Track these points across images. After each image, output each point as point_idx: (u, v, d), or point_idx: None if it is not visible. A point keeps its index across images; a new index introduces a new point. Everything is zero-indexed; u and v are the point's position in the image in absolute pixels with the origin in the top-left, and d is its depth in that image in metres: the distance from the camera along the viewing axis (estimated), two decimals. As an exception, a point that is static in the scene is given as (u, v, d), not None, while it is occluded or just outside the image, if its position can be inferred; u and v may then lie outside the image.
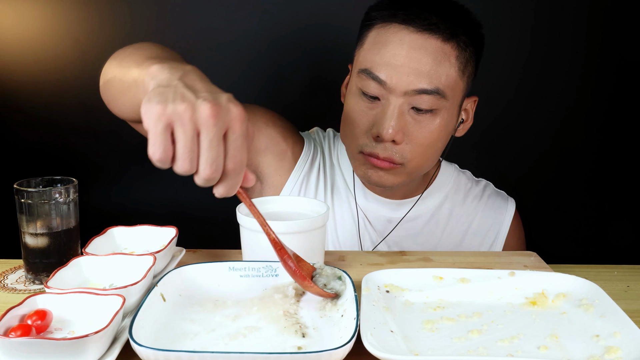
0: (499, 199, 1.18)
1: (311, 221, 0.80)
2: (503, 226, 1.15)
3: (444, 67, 0.95)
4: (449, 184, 1.16)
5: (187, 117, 0.59)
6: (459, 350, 0.65)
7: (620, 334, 0.65)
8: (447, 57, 0.95)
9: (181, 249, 0.87)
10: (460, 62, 0.97)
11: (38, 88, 1.45)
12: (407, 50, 0.95)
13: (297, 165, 1.11)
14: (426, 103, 0.95)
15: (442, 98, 0.96)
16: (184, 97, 0.60)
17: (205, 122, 0.59)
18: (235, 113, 0.60)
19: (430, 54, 0.94)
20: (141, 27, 1.44)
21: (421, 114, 0.96)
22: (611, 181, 1.58)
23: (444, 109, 0.97)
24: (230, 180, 0.62)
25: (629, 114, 1.54)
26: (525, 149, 1.55)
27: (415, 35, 0.95)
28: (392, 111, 0.95)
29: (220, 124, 0.59)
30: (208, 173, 0.60)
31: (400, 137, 0.96)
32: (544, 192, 1.58)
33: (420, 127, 0.97)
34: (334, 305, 0.71)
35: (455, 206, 1.15)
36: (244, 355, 0.57)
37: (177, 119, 0.59)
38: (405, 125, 0.96)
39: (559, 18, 1.47)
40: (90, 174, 1.50)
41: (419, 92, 0.95)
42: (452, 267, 0.80)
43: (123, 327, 0.65)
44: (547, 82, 1.51)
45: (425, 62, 0.94)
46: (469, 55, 0.98)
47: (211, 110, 0.59)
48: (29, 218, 0.80)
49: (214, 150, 0.59)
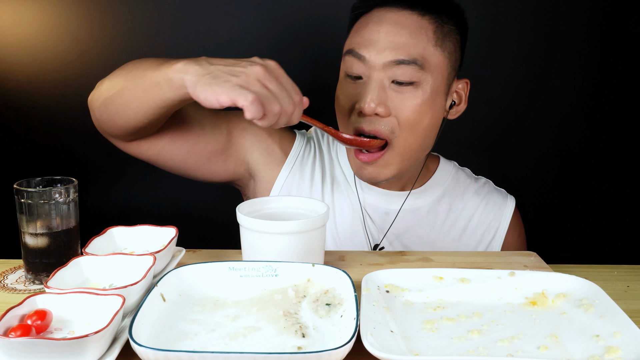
0: (498, 195, 1.18)
1: (311, 221, 0.80)
2: (503, 222, 1.16)
3: (420, 40, 0.98)
4: (447, 179, 1.17)
5: (252, 80, 0.79)
6: (459, 350, 0.65)
7: (620, 334, 0.65)
8: (424, 31, 0.99)
9: (181, 249, 0.86)
10: (438, 37, 1.00)
11: (38, 88, 1.45)
12: (385, 27, 0.99)
13: (288, 160, 1.13)
14: (406, 75, 0.98)
15: (421, 69, 0.98)
16: (232, 70, 0.80)
17: (262, 77, 0.80)
18: (273, 65, 0.82)
19: (406, 27, 0.98)
20: (141, 27, 1.44)
21: (403, 86, 0.99)
22: (611, 181, 1.58)
23: (425, 83, 0.99)
24: (298, 110, 0.83)
25: (629, 114, 1.54)
26: (525, 149, 1.55)
27: (392, 12, 1.00)
28: (373, 85, 0.99)
29: (272, 74, 0.81)
30: (291, 107, 0.82)
31: (383, 110, 0.98)
32: (544, 192, 1.58)
33: (402, 99, 0.99)
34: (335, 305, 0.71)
35: (454, 200, 1.15)
36: (244, 355, 0.57)
37: (248, 85, 0.79)
38: (387, 98, 0.99)
39: (559, 18, 1.47)
40: (90, 174, 1.50)
41: (397, 63, 0.97)
42: (452, 267, 0.80)
43: (123, 327, 0.65)
44: (547, 82, 1.51)
45: (402, 34, 0.98)
46: (447, 30, 1.01)
47: (261, 69, 0.80)
48: (29, 218, 0.80)
49: (283, 92, 0.81)
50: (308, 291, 0.73)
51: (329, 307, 0.70)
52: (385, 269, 0.78)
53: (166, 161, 1.06)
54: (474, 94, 1.09)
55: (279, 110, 0.80)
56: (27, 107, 1.46)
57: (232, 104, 0.78)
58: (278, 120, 0.82)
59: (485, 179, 1.21)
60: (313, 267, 0.75)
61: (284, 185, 1.12)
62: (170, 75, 0.83)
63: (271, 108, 0.79)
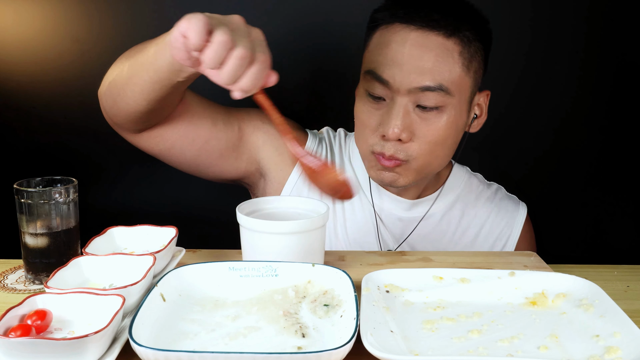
0: (510, 202, 1.17)
1: (311, 221, 0.80)
2: (514, 230, 1.15)
3: (447, 64, 0.95)
4: (460, 185, 1.16)
5: (220, 18, 0.69)
6: (459, 350, 0.65)
7: (620, 334, 0.65)
8: (450, 53, 0.95)
9: (181, 249, 0.87)
10: (465, 58, 0.96)
11: (38, 88, 1.45)
12: (409, 49, 0.95)
13: None
14: (431, 100, 0.95)
15: (447, 94, 0.95)
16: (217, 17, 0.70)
17: (236, 22, 0.70)
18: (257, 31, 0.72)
19: (431, 51, 0.94)
20: (141, 27, 1.44)
21: (427, 111, 0.96)
22: (611, 181, 1.58)
23: (450, 106, 0.97)
24: (256, 69, 0.69)
25: (630, 114, 1.53)
26: (525, 150, 1.55)
27: (417, 32, 0.95)
28: (397, 111, 0.96)
29: (247, 27, 0.71)
30: (243, 51, 0.67)
31: (406, 136, 0.96)
32: (544, 192, 1.58)
33: (427, 125, 0.97)
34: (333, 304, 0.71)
35: (467, 207, 1.15)
36: (244, 355, 0.57)
37: (215, 21, 0.68)
38: (411, 123, 0.96)
39: (559, 18, 1.47)
40: (90, 174, 1.50)
41: (422, 90, 0.94)
42: (452, 267, 0.80)
43: (123, 327, 0.65)
44: (547, 83, 1.51)
45: (427, 59, 0.94)
46: (474, 50, 0.98)
47: (241, 18, 0.71)
48: (29, 218, 0.80)
49: (243, 36, 0.69)
50: (308, 291, 0.73)
51: (327, 307, 0.70)
52: (385, 269, 0.78)
53: (177, 157, 1.05)
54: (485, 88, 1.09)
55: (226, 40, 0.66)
56: (27, 107, 1.46)
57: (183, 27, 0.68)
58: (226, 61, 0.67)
59: (497, 185, 1.20)
60: (313, 267, 0.75)
61: (295, 187, 1.11)
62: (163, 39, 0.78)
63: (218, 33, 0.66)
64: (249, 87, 0.69)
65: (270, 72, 0.71)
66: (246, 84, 0.69)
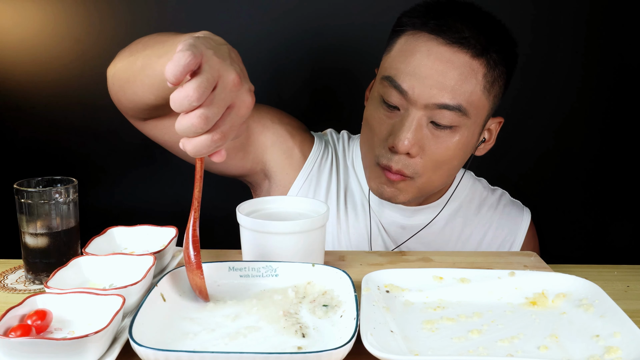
0: (514, 208, 1.16)
1: (311, 221, 0.80)
2: (518, 236, 1.14)
3: (469, 84, 0.92)
4: (464, 192, 1.14)
5: (216, 66, 0.60)
6: (459, 350, 0.65)
7: (620, 334, 0.65)
8: (474, 74, 0.92)
9: (181, 249, 0.86)
10: (487, 81, 0.94)
11: (38, 88, 1.45)
12: (433, 62, 0.92)
13: (306, 164, 1.10)
14: (446, 119, 0.93)
15: (463, 115, 0.93)
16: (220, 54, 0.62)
17: (226, 81, 0.61)
18: (248, 101, 0.63)
19: (456, 69, 0.91)
20: (141, 27, 1.44)
21: (440, 129, 0.94)
22: (611, 181, 1.58)
23: (464, 127, 0.94)
24: (209, 139, 0.61)
25: (629, 115, 1.54)
26: (525, 150, 1.55)
27: (444, 47, 0.92)
28: (410, 123, 0.93)
29: (234, 94, 0.61)
30: (199, 123, 0.59)
31: (415, 151, 0.94)
32: (544, 192, 1.58)
33: (437, 143, 0.94)
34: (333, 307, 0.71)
35: (470, 214, 1.13)
36: (244, 355, 0.57)
37: (207, 61, 0.60)
38: (422, 138, 0.94)
39: (559, 19, 1.47)
40: (90, 174, 1.50)
41: (440, 107, 0.92)
42: (452, 267, 0.80)
43: (123, 327, 0.65)
44: (547, 83, 1.51)
45: (451, 77, 0.91)
46: (497, 74, 0.95)
47: (236, 80, 0.61)
48: (29, 218, 0.80)
49: (219, 104, 0.60)
50: (308, 291, 0.73)
51: (327, 307, 0.70)
52: (385, 269, 0.78)
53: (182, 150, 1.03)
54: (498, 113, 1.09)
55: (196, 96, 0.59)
56: (27, 107, 1.46)
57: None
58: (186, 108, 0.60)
59: (501, 190, 1.19)
60: (313, 267, 0.75)
61: (300, 191, 1.10)
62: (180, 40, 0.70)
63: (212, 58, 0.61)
64: (190, 151, 0.63)
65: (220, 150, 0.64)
66: (188, 148, 0.63)
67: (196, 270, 0.69)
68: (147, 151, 1.47)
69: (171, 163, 1.48)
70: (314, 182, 1.10)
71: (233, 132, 0.63)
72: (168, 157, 1.40)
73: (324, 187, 1.10)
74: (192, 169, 1.22)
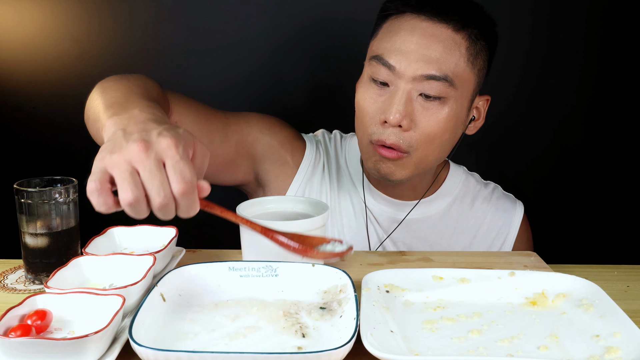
0: (507, 201, 1.17)
1: (311, 221, 0.80)
2: (512, 229, 1.15)
3: (453, 56, 0.96)
4: (457, 186, 1.16)
5: (121, 160, 0.61)
6: (459, 350, 0.65)
7: (620, 334, 0.65)
8: (457, 47, 0.96)
9: (181, 249, 0.87)
10: (470, 54, 0.97)
11: (38, 88, 1.45)
12: (418, 37, 0.96)
13: (300, 170, 1.11)
14: (434, 89, 0.95)
15: (450, 86, 0.96)
16: (116, 145, 0.62)
17: (136, 159, 0.61)
18: (164, 143, 0.62)
19: (440, 42, 0.95)
20: (141, 28, 1.44)
21: (430, 100, 0.96)
22: (611, 181, 1.58)
23: (452, 99, 0.97)
24: (185, 202, 0.62)
25: (629, 114, 1.54)
26: (525, 149, 1.56)
27: (427, 22, 0.96)
28: (400, 96, 0.96)
29: (152, 155, 0.61)
30: (159, 200, 0.61)
31: (407, 123, 0.96)
32: (544, 192, 1.58)
33: (428, 114, 0.97)
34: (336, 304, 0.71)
35: (463, 208, 1.15)
36: (244, 355, 0.57)
37: (112, 166, 0.61)
38: (413, 111, 0.96)
39: (559, 18, 1.47)
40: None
41: (427, 78, 0.95)
42: (452, 267, 0.80)
43: (123, 327, 0.65)
44: (547, 82, 1.51)
45: (435, 49, 0.95)
46: (479, 48, 0.99)
47: (139, 147, 0.61)
48: (29, 218, 0.80)
49: (155, 179, 0.60)
50: (308, 292, 0.73)
51: (325, 308, 0.70)
52: (385, 269, 0.78)
53: None
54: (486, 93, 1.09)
55: (133, 200, 0.61)
56: (27, 107, 1.46)
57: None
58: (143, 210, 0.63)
59: (494, 184, 1.20)
60: (313, 267, 0.75)
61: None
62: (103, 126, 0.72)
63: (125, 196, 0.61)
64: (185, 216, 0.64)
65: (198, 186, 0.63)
66: (184, 216, 0.64)
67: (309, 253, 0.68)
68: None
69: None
70: (308, 186, 1.11)
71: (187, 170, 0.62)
72: (168, 157, 1.39)
73: (316, 187, 1.12)
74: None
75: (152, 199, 0.61)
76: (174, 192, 0.61)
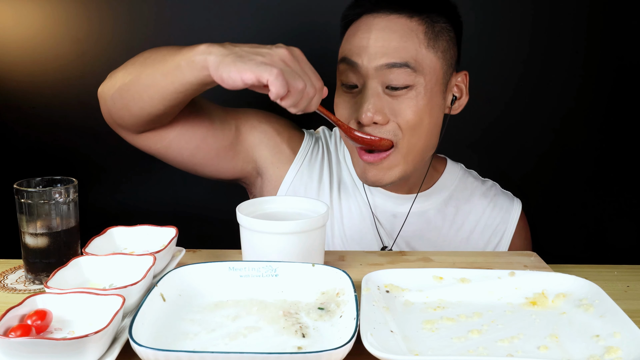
0: (505, 198, 1.18)
1: (311, 221, 0.80)
2: (509, 225, 1.16)
3: (411, 42, 0.97)
4: (455, 181, 1.16)
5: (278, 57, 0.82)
6: (459, 350, 0.65)
7: (620, 334, 0.65)
8: (414, 33, 0.98)
9: (181, 249, 0.87)
10: (430, 38, 0.99)
11: (38, 88, 1.45)
12: (375, 33, 0.98)
13: (296, 159, 1.13)
14: (399, 79, 0.97)
15: (414, 72, 0.97)
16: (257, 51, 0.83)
17: (288, 58, 0.83)
18: (295, 49, 0.85)
19: (395, 32, 0.98)
20: (141, 27, 1.44)
21: (397, 91, 0.98)
22: (612, 181, 1.58)
23: (419, 86, 0.98)
24: (319, 96, 0.85)
25: (630, 114, 1.54)
26: (525, 149, 1.55)
27: (381, 17, 0.99)
28: (368, 94, 0.98)
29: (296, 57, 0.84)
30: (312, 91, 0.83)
31: (381, 118, 0.97)
32: (544, 192, 1.58)
33: (399, 104, 0.98)
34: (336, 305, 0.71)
35: (461, 203, 1.15)
36: (244, 355, 0.57)
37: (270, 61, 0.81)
38: (383, 106, 0.98)
39: (559, 18, 1.47)
40: (90, 174, 1.50)
41: (389, 67, 0.97)
42: (452, 267, 0.80)
43: (123, 327, 0.65)
44: (547, 82, 1.51)
45: (392, 39, 0.97)
46: (438, 30, 1.00)
47: (287, 51, 0.83)
48: (29, 218, 0.80)
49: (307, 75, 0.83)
50: (308, 292, 0.73)
51: (326, 308, 0.70)
52: (385, 269, 0.78)
53: (174, 156, 1.05)
54: (474, 93, 1.09)
55: (302, 88, 0.81)
56: (27, 107, 1.46)
57: (257, 81, 0.79)
58: (299, 102, 0.82)
59: (491, 181, 1.21)
60: (313, 267, 0.75)
61: (291, 185, 1.12)
62: (192, 57, 0.83)
63: (295, 85, 0.80)
64: (312, 109, 0.86)
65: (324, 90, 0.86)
66: (311, 109, 0.85)
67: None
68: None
69: (171, 163, 1.48)
70: (305, 176, 1.13)
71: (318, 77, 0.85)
72: (168, 157, 1.39)
73: (315, 181, 1.13)
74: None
75: (307, 89, 0.82)
76: (316, 87, 0.84)
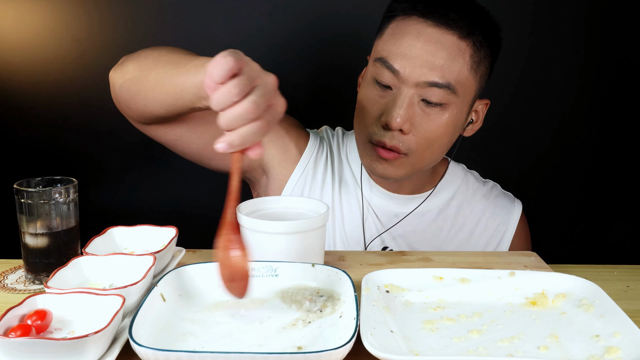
0: (506, 199, 1.18)
1: (311, 221, 0.80)
2: (510, 226, 1.16)
3: (457, 63, 0.97)
4: (456, 182, 1.17)
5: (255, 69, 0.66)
6: (459, 350, 0.65)
7: (620, 334, 0.65)
8: (462, 54, 0.97)
9: (181, 249, 0.86)
10: (474, 61, 0.98)
11: (38, 88, 1.45)
12: (423, 43, 0.96)
13: (302, 159, 1.13)
14: (436, 96, 0.97)
15: (452, 93, 0.97)
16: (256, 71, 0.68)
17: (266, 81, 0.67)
18: (282, 101, 0.69)
19: (445, 49, 0.96)
20: (141, 27, 1.44)
21: (430, 106, 0.98)
22: (611, 181, 1.58)
23: (453, 105, 0.98)
24: (257, 126, 0.65)
25: (629, 114, 1.54)
26: (525, 149, 1.55)
27: (433, 29, 0.97)
28: (402, 100, 0.97)
29: (272, 94, 0.67)
30: (249, 107, 0.64)
31: (407, 127, 0.97)
32: (544, 192, 1.58)
33: (428, 120, 0.98)
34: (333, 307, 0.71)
35: (463, 204, 1.15)
36: (244, 355, 0.57)
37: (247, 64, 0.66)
38: (414, 115, 0.98)
39: (559, 18, 1.47)
40: (90, 174, 1.50)
41: (430, 85, 0.96)
42: (452, 267, 0.80)
43: (123, 327, 0.65)
44: (547, 82, 1.51)
45: (440, 56, 0.96)
46: (483, 55, 1.00)
47: (275, 81, 0.68)
48: (29, 218, 0.80)
49: (263, 97, 0.65)
50: (308, 292, 0.73)
51: (325, 307, 0.70)
52: (385, 269, 0.78)
53: (183, 148, 1.05)
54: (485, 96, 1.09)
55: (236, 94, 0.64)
56: (27, 107, 1.46)
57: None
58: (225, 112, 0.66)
59: (492, 182, 1.21)
60: (313, 267, 0.75)
61: (296, 185, 1.12)
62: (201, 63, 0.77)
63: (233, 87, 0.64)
64: (235, 142, 0.66)
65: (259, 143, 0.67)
66: (234, 139, 0.66)
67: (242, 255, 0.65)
68: (147, 151, 1.47)
69: (171, 163, 1.48)
70: (310, 176, 1.13)
71: (271, 127, 0.67)
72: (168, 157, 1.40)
73: (319, 180, 1.13)
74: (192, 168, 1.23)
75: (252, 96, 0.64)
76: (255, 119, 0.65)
